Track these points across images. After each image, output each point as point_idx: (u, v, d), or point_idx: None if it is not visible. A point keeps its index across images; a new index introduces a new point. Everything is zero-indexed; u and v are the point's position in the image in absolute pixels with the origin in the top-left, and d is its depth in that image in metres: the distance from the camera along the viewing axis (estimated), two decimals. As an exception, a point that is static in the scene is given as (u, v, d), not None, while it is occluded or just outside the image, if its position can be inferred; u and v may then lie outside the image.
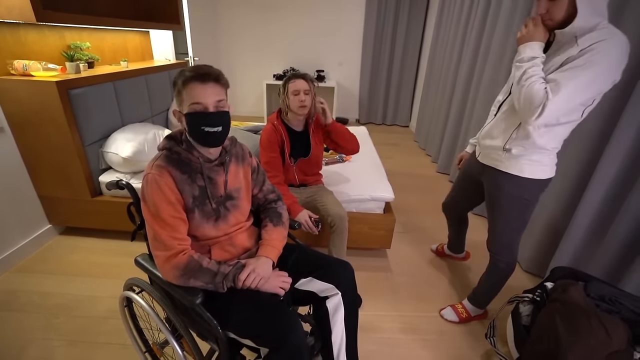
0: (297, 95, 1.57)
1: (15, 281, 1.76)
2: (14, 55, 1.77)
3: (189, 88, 0.89)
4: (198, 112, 0.90)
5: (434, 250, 2.14)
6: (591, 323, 1.04)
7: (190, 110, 0.90)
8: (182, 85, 0.90)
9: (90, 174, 1.97)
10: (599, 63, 0.98)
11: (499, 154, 1.28)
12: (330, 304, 1.06)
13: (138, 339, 1.27)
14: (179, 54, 3.74)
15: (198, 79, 0.88)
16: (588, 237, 1.66)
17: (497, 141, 1.27)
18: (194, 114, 0.90)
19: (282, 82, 1.63)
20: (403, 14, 4.65)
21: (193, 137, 0.95)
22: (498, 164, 1.30)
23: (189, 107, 0.90)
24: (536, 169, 1.24)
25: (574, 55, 1.01)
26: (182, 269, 0.90)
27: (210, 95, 0.90)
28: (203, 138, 0.93)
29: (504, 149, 1.24)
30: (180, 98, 0.92)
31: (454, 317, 1.65)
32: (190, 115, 0.90)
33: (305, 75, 1.61)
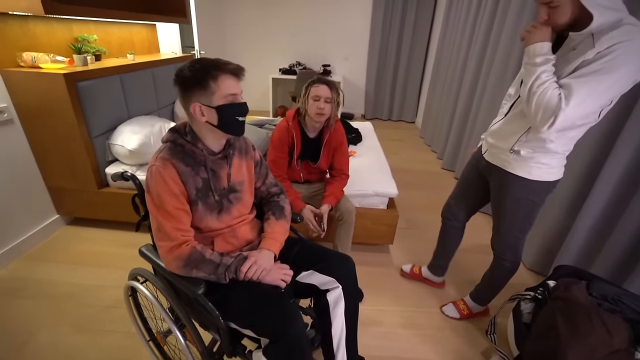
0: (317, 101, 1.50)
1: (24, 269, 1.81)
2: (23, 47, 1.79)
3: (223, 79, 0.90)
4: (235, 104, 0.93)
5: (407, 273, 1.89)
6: (592, 322, 1.03)
7: (225, 102, 0.92)
8: (212, 78, 0.89)
9: (97, 166, 2.00)
10: (618, 67, 0.90)
11: (507, 154, 1.23)
12: (330, 297, 1.07)
13: (142, 327, 1.29)
14: (185, 47, 3.75)
15: (231, 72, 0.92)
16: (592, 237, 1.64)
17: (506, 142, 1.22)
18: (231, 105, 0.93)
19: (306, 83, 1.56)
20: (411, 9, 4.59)
21: (225, 128, 0.95)
22: (505, 164, 1.25)
23: (225, 98, 0.92)
24: (544, 171, 1.20)
25: (590, 58, 0.93)
26: (185, 260, 0.91)
27: (238, 87, 0.95)
28: (237, 127, 0.97)
29: (512, 151, 1.20)
30: (210, 91, 0.90)
31: (455, 314, 1.65)
32: (227, 106, 0.92)
33: (331, 82, 1.53)
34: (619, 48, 0.89)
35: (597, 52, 0.92)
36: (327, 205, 1.63)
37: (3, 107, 1.73)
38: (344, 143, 1.70)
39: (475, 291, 1.63)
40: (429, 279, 1.85)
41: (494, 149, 1.31)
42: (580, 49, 0.97)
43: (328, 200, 1.64)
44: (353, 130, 2.87)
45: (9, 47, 1.73)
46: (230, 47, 4.98)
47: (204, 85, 0.90)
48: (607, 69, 0.91)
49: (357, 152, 2.52)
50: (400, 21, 4.69)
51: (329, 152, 1.69)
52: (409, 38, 4.74)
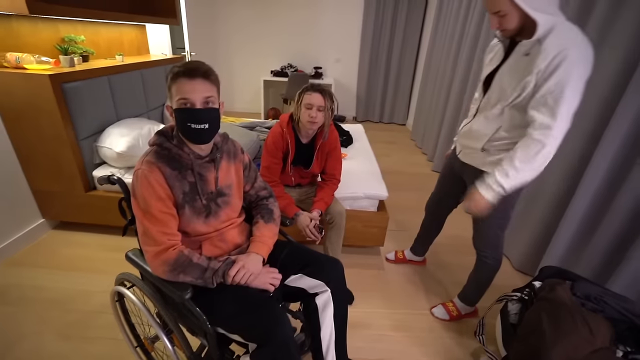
0: (309, 109, 1.49)
1: (7, 275, 1.76)
2: (7, 47, 1.75)
3: (177, 83, 0.89)
4: (184, 109, 0.90)
5: (392, 259, 2.05)
6: (575, 321, 1.06)
7: (177, 105, 0.90)
8: (171, 81, 0.89)
9: (84, 169, 1.96)
10: (570, 79, 0.99)
11: (479, 153, 1.29)
12: (319, 301, 1.07)
13: (129, 333, 1.27)
14: (176, 49, 3.72)
15: (186, 74, 0.88)
16: (577, 238, 1.68)
17: (477, 142, 1.27)
18: (181, 109, 0.90)
19: (300, 90, 1.54)
20: (402, 11, 4.64)
21: (181, 133, 0.95)
22: (479, 163, 1.31)
23: (176, 102, 0.90)
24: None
25: (542, 67, 1.01)
26: (171, 264, 0.90)
27: (197, 91, 0.89)
28: (190, 135, 0.93)
29: (483, 150, 1.26)
30: (170, 93, 0.92)
31: (444, 315, 1.67)
32: (177, 111, 0.91)
33: (324, 90, 1.50)
34: (564, 61, 0.98)
35: (547, 63, 1.00)
36: (317, 210, 1.63)
37: (-14, 108, 1.69)
38: (337, 148, 1.70)
39: (463, 292, 1.65)
40: (412, 260, 2.04)
41: (467, 150, 1.37)
42: (533, 54, 1.05)
43: (318, 206, 1.64)
44: (344, 132, 2.88)
45: (-8, 48, 1.69)
46: (221, 49, 4.96)
47: (168, 86, 0.92)
48: (562, 82, 0.99)
49: (348, 154, 2.53)
50: (392, 24, 4.73)
51: (322, 157, 1.69)
52: (399, 40, 4.79)
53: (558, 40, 0.99)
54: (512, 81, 1.11)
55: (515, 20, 1.04)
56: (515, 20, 1.03)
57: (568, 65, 0.98)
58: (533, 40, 1.03)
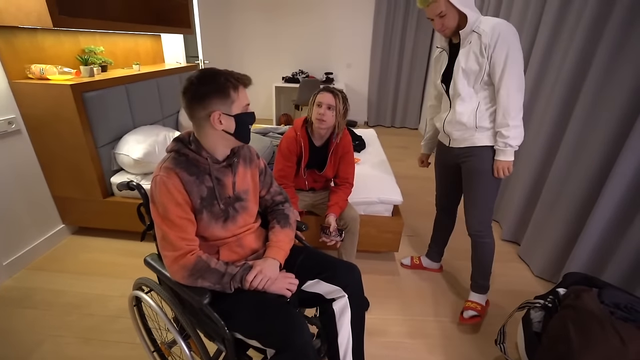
0: (319, 107, 1.52)
1: (30, 279, 1.81)
2: (32, 59, 1.83)
3: (240, 91, 0.95)
4: (249, 113, 0.98)
5: (408, 265, 2.03)
6: (605, 331, 1.01)
7: (243, 110, 0.96)
8: (233, 88, 0.93)
9: (102, 175, 2.01)
10: (511, 44, 1.27)
11: (471, 133, 1.45)
12: (336, 307, 1.06)
13: (147, 338, 1.28)
14: (189, 57, 3.80)
15: (245, 83, 0.96)
16: (603, 243, 1.61)
17: (468, 122, 1.43)
18: (247, 114, 0.97)
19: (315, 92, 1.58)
20: (412, 15, 4.63)
21: (240, 136, 0.99)
22: (475, 141, 1.45)
23: (243, 108, 0.96)
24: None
25: (487, 42, 1.28)
26: (190, 269, 0.91)
27: (248, 98, 0.99)
28: (248, 134, 1.02)
29: (476, 128, 1.43)
30: (230, 100, 0.93)
31: (474, 313, 1.63)
32: (244, 115, 0.96)
33: (335, 90, 1.53)
34: (500, 31, 1.26)
35: (489, 38, 1.27)
36: (332, 215, 1.62)
37: (12, 118, 1.75)
38: (350, 152, 1.70)
39: (475, 284, 1.67)
40: (429, 267, 2.01)
41: (458, 134, 1.49)
42: (474, 40, 1.32)
43: (332, 210, 1.63)
44: (357, 137, 2.87)
45: (18, 60, 1.76)
46: (234, 57, 5.04)
47: (226, 94, 0.92)
48: (507, 48, 1.27)
49: (361, 159, 2.51)
50: (402, 28, 4.73)
51: (335, 161, 1.69)
52: (410, 44, 4.78)
53: (487, 23, 1.29)
54: (473, 65, 1.34)
55: (454, 19, 1.30)
56: (454, 18, 1.30)
57: (504, 34, 1.26)
58: (468, 30, 1.31)
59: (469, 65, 1.35)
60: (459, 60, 1.38)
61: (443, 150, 1.65)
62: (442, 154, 1.67)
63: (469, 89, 1.41)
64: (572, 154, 1.78)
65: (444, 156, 1.66)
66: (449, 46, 1.45)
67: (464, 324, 1.62)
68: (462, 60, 1.37)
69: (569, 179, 1.79)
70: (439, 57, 1.52)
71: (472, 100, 1.42)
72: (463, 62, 1.37)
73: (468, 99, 1.42)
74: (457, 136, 1.49)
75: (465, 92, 1.41)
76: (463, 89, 1.41)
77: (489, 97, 1.41)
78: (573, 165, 1.78)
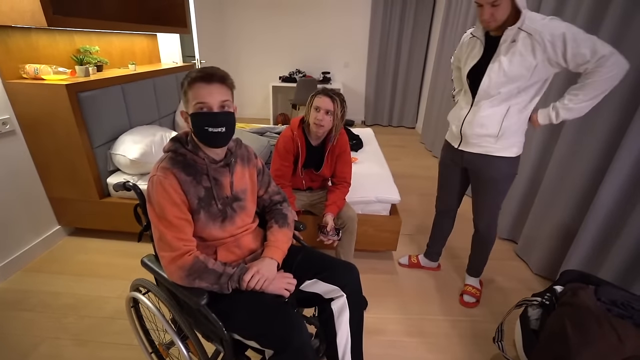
0: (317, 111, 1.50)
1: (26, 281, 1.79)
2: (26, 59, 1.81)
3: (195, 88, 0.90)
4: (202, 113, 0.91)
5: (406, 264, 2.03)
6: (602, 328, 1.01)
7: (194, 110, 0.91)
8: (188, 86, 0.91)
9: (98, 176, 1.99)
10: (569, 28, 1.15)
11: (488, 140, 1.37)
12: (335, 306, 1.06)
13: (144, 339, 1.28)
14: (186, 57, 3.78)
15: (203, 79, 0.89)
16: (599, 240, 1.62)
17: (487, 129, 1.35)
18: (198, 114, 0.91)
19: (313, 93, 1.55)
20: (409, 14, 4.63)
21: (198, 138, 0.95)
22: (491, 150, 1.38)
23: (194, 107, 0.91)
24: (519, 146, 1.40)
25: (543, 43, 1.16)
26: (187, 270, 0.90)
27: (214, 95, 0.90)
28: (207, 138, 0.94)
29: (498, 136, 1.34)
30: (186, 98, 0.93)
31: (472, 299, 1.75)
32: (195, 115, 0.91)
33: (334, 94, 1.49)
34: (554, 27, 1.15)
35: (549, 36, 1.15)
36: (330, 214, 1.62)
37: (5, 118, 1.73)
38: (347, 151, 1.69)
39: (474, 269, 1.77)
40: (427, 266, 2.01)
41: (474, 139, 1.41)
42: (521, 40, 1.20)
43: (330, 210, 1.63)
44: (354, 136, 2.87)
45: (13, 59, 1.74)
46: (230, 56, 5.03)
47: (184, 92, 0.92)
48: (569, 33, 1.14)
49: (359, 158, 2.51)
50: (399, 26, 4.73)
51: (332, 160, 1.68)
52: (407, 43, 4.78)
53: (539, 22, 1.17)
54: (517, 68, 1.22)
55: (506, 11, 1.18)
56: (506, 10, 1.18)
57: (562, 27, 1.15)
58: (515, 28, 1.19)
59: (513, 67, 1.23)
60: (500, 59, 1.25)
61: (450, 152, 1.57)
62: (449, 155, 1.59)
63: (503, 91, 1.28)
64: (569, 151, 1.79)
65: (451, 158, 1.58)
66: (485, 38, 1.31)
67: (464, 307, 1.75)
68: (504, 60, 1.24)
69: (566, 177, 1.80)
70: (471, 45, 1.37)
71: (502, 104, 1.31)
72: (506, 62, 1.24)
73: (498, 103, 1.31)
74: (473, 140, 1.41)
75: (497, 95, 1.29)
76: (496, 91, 1.29)
77: (522, 103, 1.30)
78: (570, 163, 1.79)
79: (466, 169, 1.55)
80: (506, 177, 1.45)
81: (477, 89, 1.34)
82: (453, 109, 1.54)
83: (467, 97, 1.42)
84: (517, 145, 1.39)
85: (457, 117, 1.47)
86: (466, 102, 1.43)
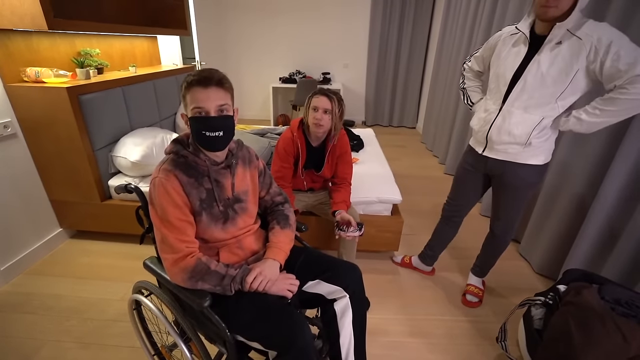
0: (315, 111, 1.49)
1: (28, 284, 1.79)
2: (27, 62, 1.81)
3: (192, 92, 0.89)
4: (199, 117, 0.90)
5: (398, 262, 2.02)
6: (607, 327, 1.01)
7: (192, 114, 0.91)
8: (186, 90, 0.90)
9: (99, 178, 2.00)
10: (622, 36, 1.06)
11: (515, 147, 1.30)
12: (338, 307, 1.05)
13: (147, 341, 1.27)
14: (186, 59, 3.79)
15: (200, 83, 0.88)
16: (602, 239, 1.62)
17: (516, 136, 1.27)
18: (196, 118, 0.91)
19: (310, 94, 1.54)
20: (409, 14, 4.64)
21: (196, 142, 0.95)
22: (517, 157, 1.33)
23: (191, 111, 0.90)
24: (548, 154, 1.34)
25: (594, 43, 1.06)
26: (190, 272, 0.90)
27: (212, 99, 0.89)
28: (205, 142, 0.94)
29: (527, 144, 1.27)
30: (185, 102, 0.93)
31: (476, 299, 1.74)
32: (192, 119, 0.91)
33: (330, 93, 1.49)
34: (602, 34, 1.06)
35: (595, 42, 1.06)
36: (343, 211, 1.59)
37: (7, 121, 1.74)
38: (347, 152, 1.69)
39: (479, 268, 1.77)
40: (419, 268, 1.97)
41: (500, 145, 1.34)
42: (568, 43, 1.11)
43: (341, 207, 1.61)
44: (355, 137, 2.87)
45: (14, 63, 1.74)
46: (230, 57, 5.03)
47: (183, 95, 0.92)
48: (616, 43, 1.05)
49: (360, 159, 2.51)
50: (399, 26, 4.73)
51: (333, 161, 1.68)
52: (407, 43, 4.78)
53: (591, 25, 1.08)
54: (558, 73, 1.13)
55: (570, 1, 1.06)
56: (570, 0, 1.06)
57: (612, 34, 1.06)
58: (564, 28, 1.09)
59: (552, 70, 1.14)
60: (540, 60, 1.16)
61: (473, 157, 1.50)
62: (470, 161, 1.52)
63: (536, 96, 1.20)
64: (571, 150, 1.78)
65: (472, 164, 1.51)
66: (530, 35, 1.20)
67: (466, 306, 1.74)
68: (544, 62, 1.15)
69: (568, 175, 1.80)
70: (513, 41, 1.26)
71: (536, 112, 1.22)
72: (546, 64, 1.15)
73: (533, 110, 1.22)
74: (500, 148, 1.33)
75: (533, 102, 1.21)
76: (533, 97, 1.20)
77: (557, 115, 1.22)
78: (571, 162, 1.78)
79: (488, 175, 1.48)
80: (531, 184, 1.39)
81: (510, 91, 1.26)
82: (476, 112, 1.46)
83: (495, 99, 1.33)
84: (545, 154, 1.32)
85: (481, 121, 1.39)
86: (491, 106, 1.34)
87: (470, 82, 1.57)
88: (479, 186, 1.56)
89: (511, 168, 1.36)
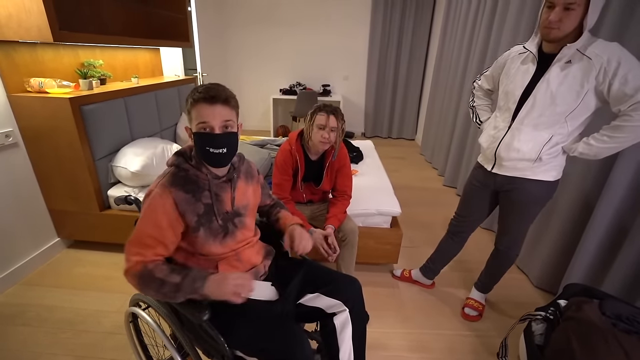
0: (322, 129, 1.50)
1: (23, 295, 1.77)
2: (32, 73, 1.83)
3: (198, 108, 0.90)
4: (204, 133, 0.90)
5: (398, 276, 2.00)
6: (609, 343, 1.00)
7: (197, 129, 0.92)
8: (192, 105, 0.91)
9: (99, 188, 1.99)
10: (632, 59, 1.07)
11: (525, 163, 1.30)
12: (337, 321, 1.04)
13: (142, 355, 1.25)
14: (188, 70, 3.83)
15: (207, 100, 0.89)
16: (601, 253, 1.62)
17: (525, 153, 1.28)
18: (200, 134, 0.91)
19: (311, 110, 1.55)
20: (408, 26, 4.72)
21: (199, 156, 0.96)
22: (528, 173, 1.32)
23: (196, 126, 0.91)
24: (559, 170, 1.34)
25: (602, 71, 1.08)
26: (137, 279, 0.88)
27: (217, 116, 0.90)
28: (207, 158, 0.94)
29: (537, 160, 1.27)
30: (190, 116, 0.93)
31: (475, 313, 1.73)
32: (197, 135, 0.92)
33: (337, 111, 1.51)
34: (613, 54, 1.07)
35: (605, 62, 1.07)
36: (330, 227, 1.61)
37: (9, 131, 1.75)
38: (346, 164, 1.70)
39: (482, 284, 1.74)
40: (419, 281, 1.95)
41: (509, 162, 1.34)
42: (577, 63, 1.12)
43: (331, 222, 1.62)
44: (354, 149, 2.89)
45: (18, 73, 1.76)
46: (231, 69, 5.10)
47: (188, 110, 0.93)
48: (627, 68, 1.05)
49: (359, 170, 2.52)
50: (398, 39, 4.81)
51: (332, 174, 1.69)
52: (406, 55, 4.86)
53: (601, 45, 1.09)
54: (568, 93, 1.14)
55: (575, 21, 1.07)
56: (576, 20, 1.06)
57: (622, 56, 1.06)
58: (574, 48, 1.10)
59: (562, 89, 1.14)
60: (549, 78, 1.17)
61: (481, 173, 1.50)
62: (479, 177, 1.51)
63: (546, 114, 1.20)
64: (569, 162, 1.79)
65: (480, 180, 1.51)
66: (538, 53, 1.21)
67: (465, 320, 1.72)
68: (554, 81, 1.16)
69: (566, 188, 1.80)
70: (521, 59, 1.27)
71: (546, 131, 1.23)
72: (555, 83, 1.15)
73: (542, 128, 1.22)
74: (509, 164, 1.34)
75: (543, 120, 1.21)
76: (544, 114, 1.20)
77: (566, 133, 1.22)
78: (569, 174, 1.79)
79: (497, 191, 1.47)
80: (540, 201, 1.38)
81: (519, 109, 1.27)
82: (485, 130, 1.46)
83: (504, 117, 1.33)
84: (557, 170, 1.32)
85: (492, 138, 1.38)
86: (500, 123, 1.35)
87: (480, 100, 1.59)
88: (487, 203, 1.55)
89: (520, 184, 1.35)
